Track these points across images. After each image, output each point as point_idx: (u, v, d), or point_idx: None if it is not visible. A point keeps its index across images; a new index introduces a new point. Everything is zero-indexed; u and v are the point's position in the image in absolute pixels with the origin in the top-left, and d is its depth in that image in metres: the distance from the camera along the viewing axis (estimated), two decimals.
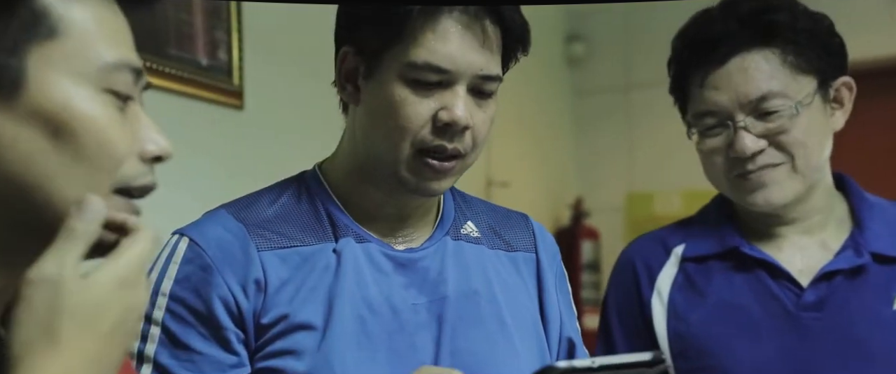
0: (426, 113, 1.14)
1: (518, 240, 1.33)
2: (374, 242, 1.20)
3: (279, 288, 1.14)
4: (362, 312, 1.15)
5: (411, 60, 1.13)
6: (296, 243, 1.17)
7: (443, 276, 1.21)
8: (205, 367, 1.10)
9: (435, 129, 1.14)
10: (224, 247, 1.14)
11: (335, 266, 1.16)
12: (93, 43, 0.75)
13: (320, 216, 1.20)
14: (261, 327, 1.13)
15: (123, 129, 0.76)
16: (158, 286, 1.12)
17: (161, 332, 1.11)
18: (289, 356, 1.12)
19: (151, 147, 0.79)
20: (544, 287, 1.31)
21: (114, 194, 0.77)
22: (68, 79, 0.74)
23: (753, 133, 1.38)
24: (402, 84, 1.14)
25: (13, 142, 0.72)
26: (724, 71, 1.39)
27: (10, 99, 0.72)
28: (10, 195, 0.73)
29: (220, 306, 1.11)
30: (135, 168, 0.78)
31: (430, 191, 1.18)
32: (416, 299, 1.19)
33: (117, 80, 0.76)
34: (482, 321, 1.22)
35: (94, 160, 0.74)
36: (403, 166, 1.16)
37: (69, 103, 0.73)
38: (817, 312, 1.39)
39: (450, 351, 1.17)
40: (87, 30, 0.75)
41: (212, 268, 1.12)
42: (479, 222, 1.31)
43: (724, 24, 1.40)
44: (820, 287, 1.40)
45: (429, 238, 1.24)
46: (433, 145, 1.15)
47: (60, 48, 0.74)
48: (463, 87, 1.14)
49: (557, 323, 1.31)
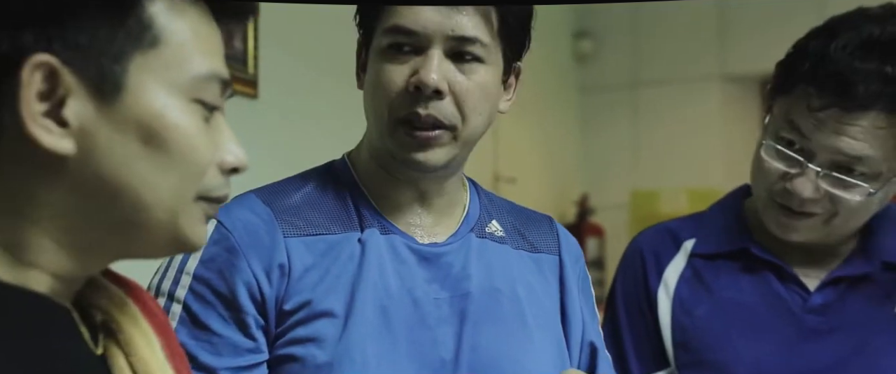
0: (400, 80, 1.12)
1: (542, 241, 1.32)
2: (398, 234, 1.20)
3: (303, 274, 1.14)
4: (384, 302, 1.15)
5: (384, 28, 1.13)
6: (321, 230, 1.17)
7: (466, 272, 1.21)
8: (222, 349, 1.11)
9: (407, 95, 1.12)
10: (251, 231, 1.14)
11: (359, 256, 1.17)
12: (188, 54, 0.79)
13: (347, 206, 1.20)
14: (283, 313, 1.13)
15: (208, 138, 0.79)
16: (184, 265, 1.13)
17: (182, 310, 1.11)
18: (310, 343, 1.12)
19: (230, 158, 0.82)
20: (567, 289, 1.31)
21: (198, 200, 0.80)
22: (163, 88, 0.77)
23: (817, 182, 1.33)
24: (380, 56, 1.14)
25: (110, 144, 0.75)
26: (845, 118, 1.31)
27: (110, 103, 0.75)
28: (102, 195, 0.76)
29: (242, 290, 1.12)
30: (215, 178, 0.81)
31: (419, 163, 1.15)
32: (438, 294, 1.19)
33: (207, 90, 0.79)
34: (503, 319, 1.21)
35: (181, 167, 0.78)
36: (389, 139, 1.15)
37: (163, 111, 0.76)
38: (822, 315, 1.39)
39: (470, 347, 1.17)
40: (184, 41, 0.79)
41: (237, 251, 1.13)
42: (504, 221, 1.31)
43: (867, 83, 1.29)
44: (827, 292, 1.40)
45: (453, 234, 1.23)
46: (407, 113, 1.12)
47: (159, 57, 0.77)
48: (437, 50, 1.12)
49: (580, 326, 1.30)
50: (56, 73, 0.73)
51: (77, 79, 0.74)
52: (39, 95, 0.73)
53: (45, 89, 0.73)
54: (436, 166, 1.16)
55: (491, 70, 1.16)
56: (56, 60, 0.73)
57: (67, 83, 0.73)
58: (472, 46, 1.14)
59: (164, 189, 0.77)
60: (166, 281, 1.12)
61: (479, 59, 1.14)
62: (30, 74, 0.72)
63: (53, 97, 0.73)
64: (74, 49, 0.74)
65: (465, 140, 1.16)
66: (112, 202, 0.76)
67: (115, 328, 0.83)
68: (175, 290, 1.12)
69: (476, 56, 1.14)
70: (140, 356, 0.83)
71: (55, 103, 0.73)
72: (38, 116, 0.73)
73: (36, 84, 0.73)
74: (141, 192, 0.77)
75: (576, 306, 1.31)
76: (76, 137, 0.74)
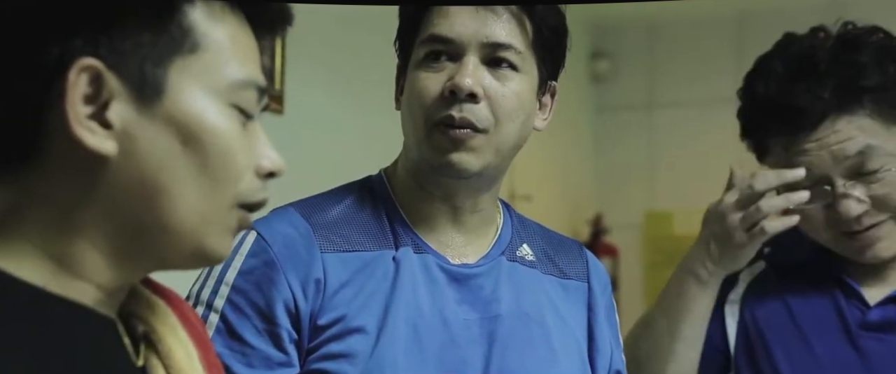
0: (437, 87, 1.16)
1: (571, 268, 1.33)
2: (431, 254, 1.21)
3: (338, 290, 1.16)
4: (416, 321, 1.16)
5: (421, 38, 1.17)
6: (357, 247, 1.19)
7: (496, 295, 1.22)
8: (254, 361, 1.12)
9: (443, 99, 1.16)
10: (289, 245, 1.16)
11: (393, 274, 1.18)
12: (227, 60, 0.80)
13: (382, 223, 1.22)
14: (317, 328, 1.14)
15: (244, 143, 0.81)
16: (223, 276, 1.15)
17: (219, 320, 1.13)
18: (342, 359, 1.14)
19: (266, 162, 0.83)
20: (595, 317, 1.31)
21: (233, 207, 0.81)
22: (202, 91, 0.78)
23: (854, 196, 1.35)
24: (418, 66, 1.18)
25: (151, 144, 0.77)
26: (815, 135, 1.35)
27: (151, 104, 0.77)
28: (141, 197, 0.77)
29: (279, 304, 1.13)
30: (252, 183, 0.82)
31: (453, 165, 1.17)
32: (467, 315, 1.20)
33: (244, 96, 0.81)
34: (531, 343, 1.22)
35: (219, 171, 0.79)
36: (425, 143, 1.17)
37: (202, 114, 0.78)
38: (880, 333, 1.38)
39: (498, 368, 1.18)
40: (223, 47, 0.80)
41: (275, 264, 1.14)
42: (535, 246, 1.31)
43: (812, 93, 1.35)
44: (888, 309, 1.39)
45: (484, 256, 1.25)
46: (442, 116, 1.15)
47: (199, 62, 0.79)
48: (473, 57, 1.16)
49: (608, 354, 1.31)
50: (101, 76, 0.75)
51: (120, 82, 0.76)
52: (85, 97, 0.75)
53: (91, 92, 0.75)
54: (469, 171, 1.18)
55: (525, 80, 1.19)
56: (101, 64, 0.75)
57: (111, 86, 0.75)
58: (507, 53, 1.17)
59: (199, 193, 0.78)
60: (205, 290, 1.14)
61: (513, 66, 1.18)
62: (76, 77, 0.74)
63: (98, 100, 0.75)
64: (119, 53, 0.76)
65: (498, 147, 1.19)
66: (149, 204, 0.77)
67: (155, 338, 0.84)
68: (213, 299, 1.14)
69: (511, 63, 1.17)
70: (179, 367, 0.84)
71: (100, 106, 0.75)
72: (82, 117, 0.75)
73: (82, 87, 0.75)
74: (177, 194, 0.78)
75: (604, 334, 1.31)
76: (118, 139, 0.76)
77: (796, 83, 1.37)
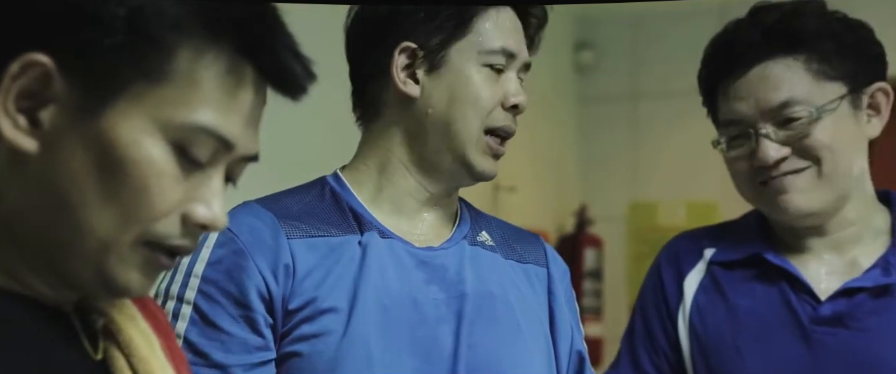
0: (497, 96, 1.26)
1: (530, 253, 1.37)
2: (396, 239, 1.25)
3: (307, 274, 1.18)
4: (386, 301, 1.19)
5: (488, 47, 1.26)
6: (323, 233, 1.22)
7: (461, 275, 1.26)
8: (232, 347, 1.14)
9: (502, 110, 1.27)
10: (255, 233, 1.18)
11: (360, 257, 1.21)
12: (190, 101, 0.76)
13: (345, 213, 1.25)
14: (288, 312, 1.16)
15: (174, 186, 0.76)
16: (191, 268, 1.16)
17: (192, 311, 1.14)
18: (315, 339, 1.16)
19: (200, 212, 0.78)
20: (555, 300, 1.35)
21: (140, 244, 0.77)
22: (147, 122, 0.75)
23: (775, 141, 1.37)
24: (477, 70, 1.25)
25: (70, 157, 0.74)
26: (746, 80, 1.39)
27: (87, 119, 0.74)
28: (49, 208, 0.75)
29: (252, 290, 1.15)
30: (171, 226, 0.77)
31: (489, 173, 1.28)
32: (436, 295, 1.24)
33: (195, 141, 0.76)
34: (498, 321, 1.26)
35: (128, 204, 0.75)
36: (473, 147, 1.25)
37: (132, 144, 0.74)
38: (832, 327, 1.38)
39: (467, 345, 1.22)
40: (193, 88, 0.76)
41: (244, 252, 1.16)
42: (493, 233, 1.36)
43: (749, 32, 1.40)
44: (838, 303, 1.38)
45: (448, 240, 1.30)
46: (502, 125, 1.28)
47: (158, 93, 0.75)
48: (514, 72, 1.29)
49: (569, 336, 1.34)
50: (50, 77, 0.73)
51: (68, 88, 0.73)
52: (25, 91, 0.72)
53: (34, 89, 0.73)
54: (493, 175, 1.30)
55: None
56: (53, 64, 0.72)
57: (55, 89, 0.73)
58: (526, 72, 1.32)
59: (104, 220, 0.74)
60: (174, 285, 1.16)
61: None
62: (20, 68, 0.72)
63: (38, 97, 0.73)
64: (78, 59, 0.73)
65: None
66: (52, 216, 0.75)
67: (115, 329, 0.83)
68: (184, 292, 1.15)
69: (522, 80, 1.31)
70: (140, 357, 0.82)
71: (38, 103, 0.73)
72: (11, 108, 0.72)
73: (24, 80, 0.72)
74: (79, 215, 0.74)
75: (564, 316, 1.35)
76: (42, 141, 0.73)
77: (738, 28, 1.43)
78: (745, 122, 1.39)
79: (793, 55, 1.38)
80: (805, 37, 1.38)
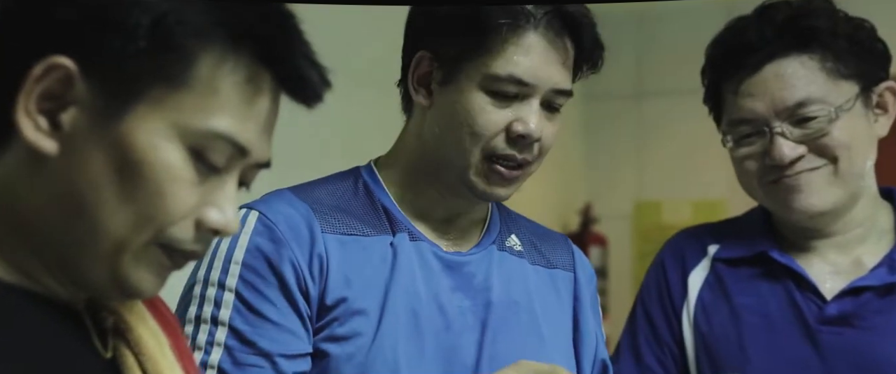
0: (501, 122, 1.19)
1: (558, 258, 1.35)
2: (425, 241, 1.24)
3: (339, 272, 1.17)
4: (415, 306, 1.19)
5: (494, 72, 1.18)
6: (355, 231, 1.20)
7: (488, 283, 1.25)
8: (277, 336, 1.13)
9: (508, 138, 1.19)
10: (292, 223, 1.17)
11: (391, 259, 1.20)
12: (209, 108, 0.76)
13: (377, 210, 1.23)
14: (323, 306, 1.16)
15: (191, 190, 0.77)
16: (231, 255, 1.14)
17: (235, 298, 1.13)
18: (345, 341, 1.15)
19: (213, 217, 0.79)
20: (581, 306, 1.34)
21: (154, 245, 0.78)
22: (165, 126, 0.75)
23: (791, 139, 1.35)
24: (480, 93, 1.19)
25: (90, 160, 0.75)
26: (760, 78, 1.36)
27: (107, 123, 0.75)
28: (67, 209, 0.76)
29: (291, 279, 1.14)
30: (185, 231, 0.78)
31: (496, 197, 1.23)
32: (461, 302, 1.22)
33: (212, 147, 0.77)
34: (521, 331, 1.25)
35: (145, 207, 0.76)
36: (472, 171, 1.20)
37: (150, 148, 0.75)
38: (837, 327, 1.37)
39: (489, 355, 1.20)
40: (212, 95, 0.76)
41: (283, 241, 1.15)
42: (522, 236, 1.34)
43: (760, 30, 1.38)
44: (844, 302, 1.38)
45: (476, 245, 1.28)
46: (504, 154, 1.20)
47: (177, 98, 0.76)
48: (537, 100, 1.20)
49: (593, 343, 1.33)
50: (72, 79, 0.73)
51: (89, 91, 0.74)
52: (47, 93, 0.73)
53: (57, 91, 0.73)
54: (505, 198, 1.24)
55: (561, 117, 1.25)
56: (76, 68, 0.73)
57: (77, 92, 0.73)
58: (563, 98, 1.24)
59: (120, 221, 0.75)
60: (214, 272, 1.14)
61: (559, 108, 1.24)
62: (43, 71, 0.72)
63: (61, 100, 0.73)
64: (101, 64, 0.73)
65: (530, 174, 1.26)
66: (70, 218, 0.75)
67: (125, 328, 0.83)
68: (225, 279, 1.14)
69: (561, 106, 1.24)
70: (149, 356, 0.83)
71: (59, 106, 0.74)
72: (33, 109, 0.73)
73: (46, 82, 0.73)
74: (97, 217, 0.75)
75: (589, 324, 1.33)
76: (62, 143, 0.74)
77: (748, 25, 1.40)
78: (758, 120, 1.37)
79: (807, 53, 1.36)
80: (819, 35, 1.37)
